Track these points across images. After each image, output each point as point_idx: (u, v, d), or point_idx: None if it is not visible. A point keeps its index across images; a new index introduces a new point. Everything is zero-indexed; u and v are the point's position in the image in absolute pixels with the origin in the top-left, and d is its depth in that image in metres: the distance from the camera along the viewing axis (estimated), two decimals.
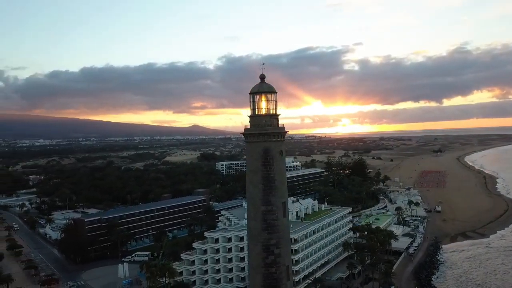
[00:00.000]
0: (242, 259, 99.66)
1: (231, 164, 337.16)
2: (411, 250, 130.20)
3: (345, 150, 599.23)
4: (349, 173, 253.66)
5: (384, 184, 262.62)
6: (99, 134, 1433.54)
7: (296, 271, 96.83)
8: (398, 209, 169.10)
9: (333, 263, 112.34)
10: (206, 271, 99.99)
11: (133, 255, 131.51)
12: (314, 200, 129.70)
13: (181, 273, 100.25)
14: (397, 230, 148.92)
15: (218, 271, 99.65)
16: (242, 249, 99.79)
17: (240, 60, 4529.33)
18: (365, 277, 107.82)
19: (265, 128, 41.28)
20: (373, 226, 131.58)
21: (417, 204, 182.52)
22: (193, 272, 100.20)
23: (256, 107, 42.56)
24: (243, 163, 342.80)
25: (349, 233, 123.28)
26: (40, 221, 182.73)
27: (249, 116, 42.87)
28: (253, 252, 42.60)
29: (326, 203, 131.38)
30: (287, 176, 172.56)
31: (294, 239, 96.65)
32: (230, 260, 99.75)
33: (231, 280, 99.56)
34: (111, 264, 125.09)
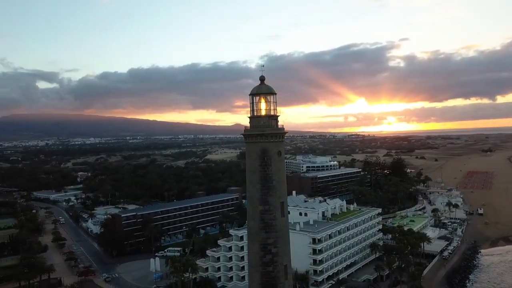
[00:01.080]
0: None
1: None
2: (445, 253, 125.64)
3: (388, 149, 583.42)
4: (387, 173, 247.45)
5: (425, 184, 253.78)
6: (146, 133, 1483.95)
7: (319, 271, 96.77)
8: (435, 210, 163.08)
9: (360, 264, 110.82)
10: (230, 268, 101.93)
11: (166, 250, 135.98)
12: (343, 200, 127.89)
13: (206, 269, 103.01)
14: (433, 232, 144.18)
15: (243, 268, 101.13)
16: None
17: (282, 58, 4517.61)
18: (393, 280, 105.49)
19: (262, 129, 41.97)
20: (407, 228, 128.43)
21: (456, 206, 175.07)
22: (218, 269, 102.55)
23: (255, 108, 43.31)
24: None
25: (379, 235, 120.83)
26: (83, 216, 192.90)
27: (249, 117, 43.69)
28: (252, 250, 43.48)
29: (355, 204, 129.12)
30: (322, 175, 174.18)
31: (318, 239, 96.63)
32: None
33: None
34: (144, 259, 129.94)
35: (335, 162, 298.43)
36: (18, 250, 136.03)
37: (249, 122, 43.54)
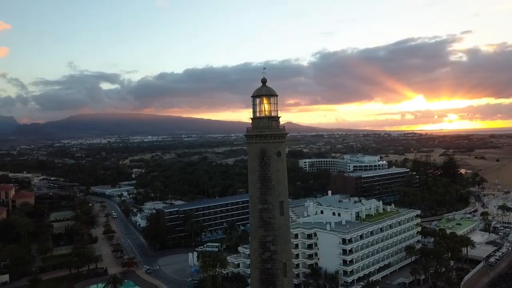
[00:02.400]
0: (297, 255, 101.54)
1: (313, 161, 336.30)
2: (492, 259, 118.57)
3: (445, 149, 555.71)
4: (438, 173, 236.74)
5: (480, 186, 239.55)
6: (200, 131, 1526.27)
7: (349, 272, 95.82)
8: (485, 214, 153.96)
9: (396, 267, 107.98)
10: None
11: (205, 245, 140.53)
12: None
13: (238, 265, 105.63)
14: (481, 237, 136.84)
15: None
16: (296, 245, 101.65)
17: (335, 55, 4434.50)
18: (431, 285, 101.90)
19: (261, 130, 43.22)
20: (450, 231, 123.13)
21: (510, 209, 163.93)
22: (249, 265, 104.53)
23: (256, 110, 44.63)
24: (327, 160, 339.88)
25: (417, 237, 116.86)
26: (133, 210, 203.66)
27: (250, 119, 45.09)
28: (252, 247, 44.95)
29: (393, 205, 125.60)
30: (367, 175, 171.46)
31: (348, 239, 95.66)
32: None
33: None
34: (185, 253, 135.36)
35: (384, 161, 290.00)
36: (73, 240, 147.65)
37: (251, 123, 44.94)
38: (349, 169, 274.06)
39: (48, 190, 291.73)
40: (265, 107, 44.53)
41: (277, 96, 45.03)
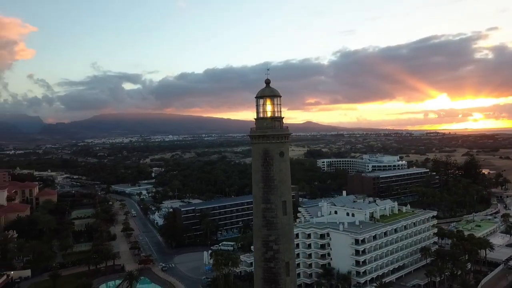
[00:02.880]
0: (310, 255, 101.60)
1: (332, 161, 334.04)
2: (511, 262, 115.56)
3: (469, 148, 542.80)
4: (459, 174, 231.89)
5: (503, 187, 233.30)
6: (221, 131, 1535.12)
7: (362, 272, 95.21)
8: (506, 216, 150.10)
9: (410, 268, 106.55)
10: None
11: (220, 244, 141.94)
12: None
13: (251, 264, 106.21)
14: (501, 239, 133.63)
15: None
16: (309, 245, 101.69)
17: (356, 53, 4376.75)
18: (447, 287, 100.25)
19: (264, 131, 43.78)
20: (470, 233, 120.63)
21: None
22: None
23: (260, 111, 45.22)
24: (346, 160, 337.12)
25: (433, 239, 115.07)
26: (152, 209, 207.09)
27: (254, 119, 45.70)
28: (255, 246, 45.56)
29: (409, 206, 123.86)
30: (385, 175, 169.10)
31: (361, 240, 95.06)
32: (298, 255, 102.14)
33: (298, 275, 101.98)
34: (200, 251, 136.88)
35: (403, 161, 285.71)
36: (92, 237, 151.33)
37: (255, 124, 45.54)
38: (368, 169, 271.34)
39: (70, 188, 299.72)
40: (268, 107, 45.08)
41: (280, 97, 45.52)
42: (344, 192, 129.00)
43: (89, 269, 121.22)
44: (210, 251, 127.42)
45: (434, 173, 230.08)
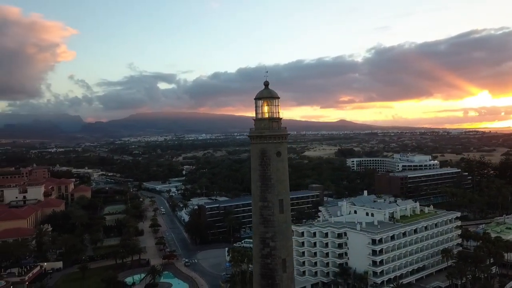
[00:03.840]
0: (327, 254, 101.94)
1: (361, 160, 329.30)
2: None
3: (510, 148, 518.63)
4: (494, 174, 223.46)
5: None
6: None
7: (379, 273, 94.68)
8: None
9: (431, 270, 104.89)
10: None
11: (243, 241, 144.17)
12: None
13: None
14: None
15: (303, 263, 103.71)
16: (326, 244, 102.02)
17: (391, 50, 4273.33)
18: None
19: (262, 131, 45.18)
20: (498, 236, 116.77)
21: None
22: None
23: (258, 112, 46.63)
24: (376, 160, 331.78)
25: (456, 240, 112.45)
26: (180, 206, 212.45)
27: (253, 120, 47.18)
28: (254, 243, 47.08)
29: (431, 206, 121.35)
30: (413, 175, 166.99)
31: (378, 240, 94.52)
32: (315, 254, 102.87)
33: (315, 273, 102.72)
34: (223, 248, 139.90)
35: (436, 161, 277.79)
36: (121, 232, 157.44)
37: (254, 124, 46.99)
38: (398, 168, 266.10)
39: (104, 185, 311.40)
40: (267, 109, 46.41)
41: (278, 98, 46.76)
42: (365, 192, 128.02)
43: (116, 262, 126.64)
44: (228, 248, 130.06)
45: (466, 173, 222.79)
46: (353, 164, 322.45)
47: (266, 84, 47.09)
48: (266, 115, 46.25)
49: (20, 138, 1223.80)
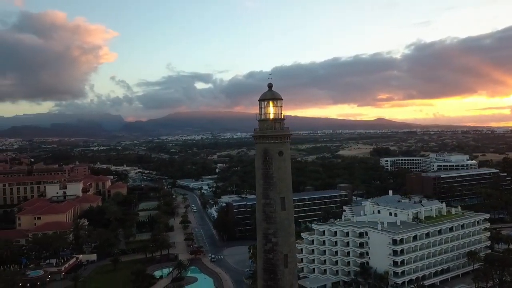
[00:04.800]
0: (348, 253, 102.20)
1: (395, 160, 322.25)
2: None
3: None
4: None
5: None
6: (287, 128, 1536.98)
7: (400, 273, 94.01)
8: None
9: (457, 272, 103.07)
10: (313, 261, 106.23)
11: None
12: (437, 203, 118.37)
13: None
14: None
15: (324, 262, 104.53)
16: (347, 243, 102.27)
17: (432, 46, 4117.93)
18: None
19: (264, 131, 46.95)
20: None
21: None
22: (301, 260, 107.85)
23: (262, 112, 48.39)
24: (410, 159, 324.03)
25: (485, 243, 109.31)
26: (211, 203, 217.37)
27: (257, 120, 49.02)
28: (257, 239, 48.88)
29: (459, 207, 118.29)
30: (446, 176, 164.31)
31: (399, 240, 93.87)
32: (336, 253, 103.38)
33: (336, 272, 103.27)
34: (249, 244, 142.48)
35: (474, 161, 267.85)
36: (153, 228, 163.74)
37: (258, 125, 48.82)
38: (433, 168, 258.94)
39: (140, 182, 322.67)
40: (270, 110, 48.07)
41: (281, 99, 48.31)
42: (391, 192, 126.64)
43: (146, 256, 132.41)
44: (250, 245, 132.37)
45: (505, 174, 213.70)
46: (387, 163, 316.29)
47: (270, 86, 48.76)
48: (269, 116, 47.91)
49: (66, 136, 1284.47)
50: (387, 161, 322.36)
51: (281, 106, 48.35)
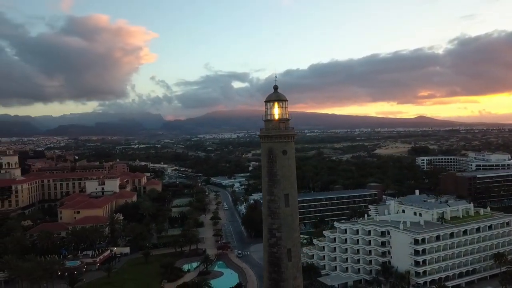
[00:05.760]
0: (370, 252, 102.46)
1: (432, 159, 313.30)
2: None
3: None
4: None
5: None
6: (324, 126, 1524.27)
7: (422, 272, 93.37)
8: None
9: (485, 274, 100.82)
10: (334, 258, 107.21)
11: None
12: (465, 203, 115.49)
13: (312, 256, 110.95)
14: None
15: (346, 260, 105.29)
16: (369, 242, 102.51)
17: (477, 40, 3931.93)
18: None
19: (269, 132, 49.29)
20: None
21: None
22: (323, 257, 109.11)
23: (268, 113, 50.70)
24: (448, 158, 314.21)
25: None
26: (241, 200, 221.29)
27: (263, 121, 51.40)
28: (263, 233, 51.37)
29: (489, 208, 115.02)
30: (482, 176, 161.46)
31: (420, 239, 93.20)
32: (358, 251, 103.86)
33: (358, 270, 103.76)
34: None
35: None
36: (184, 223, 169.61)
37: (264, 125, 51.21)
38: (471, 168, 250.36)
39: (176, 179, 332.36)
40: (275, 111, 50.34)
41: (286, 101, 50.49)
42: (417, 191, 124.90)
43: (175, 250, 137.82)
44: None
45: None
46: (423, 163, 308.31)
47: (275, 87, 51.02)
48: (274, 117, 50.17)
49: (108, 135, 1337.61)
50: (423, 160, 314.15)
51: (286, 107, 50.52)
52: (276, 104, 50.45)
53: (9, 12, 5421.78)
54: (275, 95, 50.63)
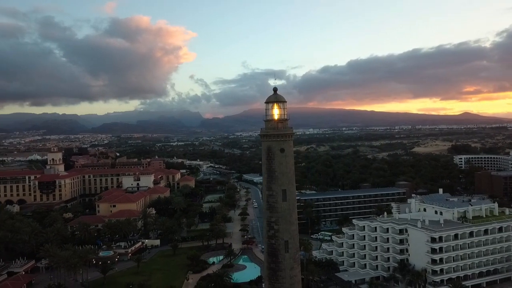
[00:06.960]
0: (388, 249, 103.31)
1: (470, 158, 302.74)
2: None
3: None
4: None
5: None
6: (363, 124, 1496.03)
7: (439, 271, 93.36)
8: None
9: (508, 274, 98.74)
10: (353, 255, 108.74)
11: (320, 233, 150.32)
12: (488, 202, 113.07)
13: (331, 252, 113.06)
14: None
15: (364, 256, 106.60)
16: (387, 240, 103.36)
17: None
18: None
19: (268, 131, 52.66)
20: None
21: None
22: (342, 253, 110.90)
23: (268, 114, 54.03)
24: (487, 157, 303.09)
25: None
26: None
27: (264, 121, 54.79)
28: (263, 226, 54.97)
29: None
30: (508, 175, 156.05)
31: (437, 238, 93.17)
32: (376, 248, 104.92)
33: (376, 267, 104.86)
34: (300, 238, 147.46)
35: None
36: (213, 218, 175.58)
37: (264, 125, 54.60)
38: (511, 167, 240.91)
39: (209, 175, 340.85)
40: (275, 111, 53.61)
41: (285, 102, 53.75)
42: (441, 190, 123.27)
43: (203, 244, 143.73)
44: None
45: None
46: (461, 161, 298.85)
47: (275, 89, 54.26)
48: (274, 117, 53.47)
49: (149, 132, 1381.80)
50: (461, 158, 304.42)
51: (285, 108, 53.77)
52: (275, 105, 53.72)
53: (57, 15, 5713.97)
54: (274, 97, 53.90)
